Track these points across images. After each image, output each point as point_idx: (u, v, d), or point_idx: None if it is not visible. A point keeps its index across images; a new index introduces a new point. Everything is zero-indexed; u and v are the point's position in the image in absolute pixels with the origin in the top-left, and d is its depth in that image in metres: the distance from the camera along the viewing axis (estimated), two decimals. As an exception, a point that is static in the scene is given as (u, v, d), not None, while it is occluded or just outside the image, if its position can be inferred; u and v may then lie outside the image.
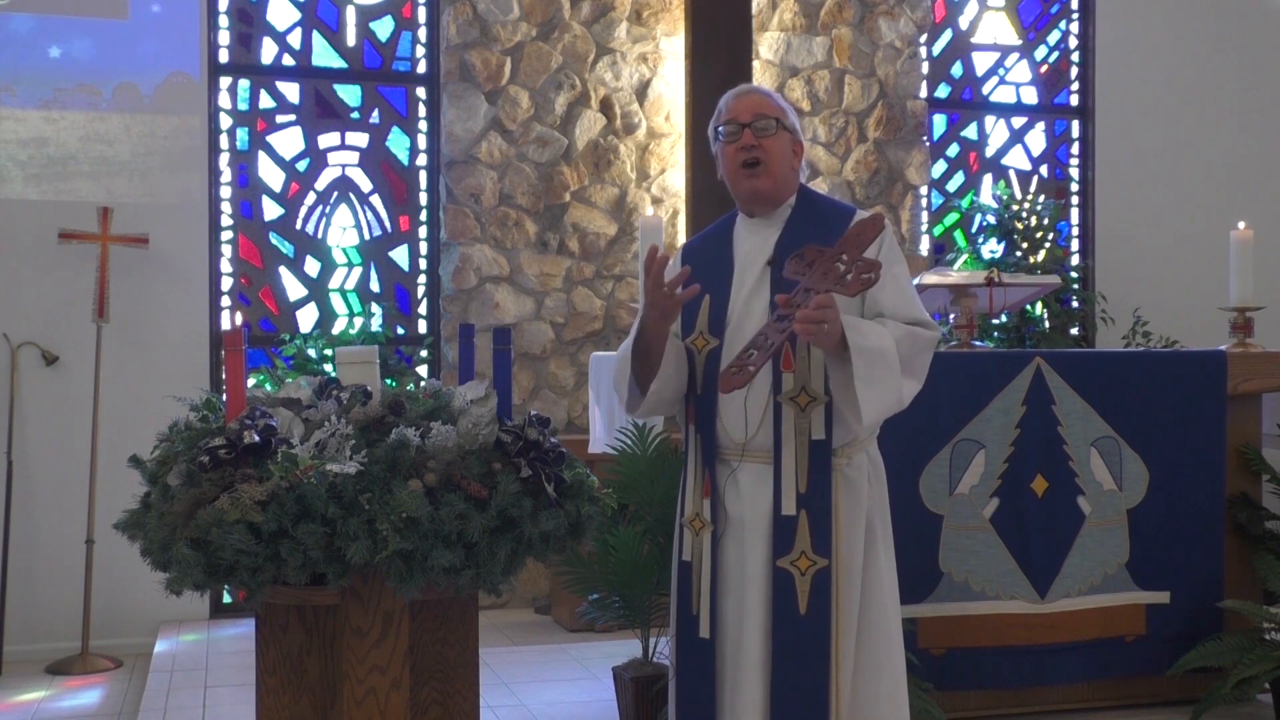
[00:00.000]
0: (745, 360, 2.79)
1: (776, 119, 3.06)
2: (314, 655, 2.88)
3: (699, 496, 3.04)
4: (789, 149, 3.10)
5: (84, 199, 6.19)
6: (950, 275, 5.38)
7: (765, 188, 3.06)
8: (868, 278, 2.77)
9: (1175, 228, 7.83)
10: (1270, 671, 4.35)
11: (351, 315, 6.69)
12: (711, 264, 3.10)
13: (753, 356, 2.79)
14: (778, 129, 3.06)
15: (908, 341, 2.91)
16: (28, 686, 5.58)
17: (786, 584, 2.94)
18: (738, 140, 3.05)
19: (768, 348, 2.78)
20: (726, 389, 2.81)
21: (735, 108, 3.09)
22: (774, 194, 3.08)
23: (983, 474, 4.40)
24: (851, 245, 2.83)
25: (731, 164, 3.08)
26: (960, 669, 4.40)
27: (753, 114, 3.06)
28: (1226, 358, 4.74)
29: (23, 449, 6.10)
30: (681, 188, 6.86)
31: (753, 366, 2.78)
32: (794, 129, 3.11)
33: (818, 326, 2.74)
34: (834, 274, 2.79)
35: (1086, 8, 7.91)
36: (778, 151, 3.06)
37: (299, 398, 2.92)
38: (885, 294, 2.97)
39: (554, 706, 4.76)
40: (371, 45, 6.78)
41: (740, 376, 2.78)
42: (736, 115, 3.07)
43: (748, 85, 3.22)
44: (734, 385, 2.79)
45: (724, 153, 3.10)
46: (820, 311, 2.73)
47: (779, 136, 3.06)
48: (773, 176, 3.05)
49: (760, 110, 3.06)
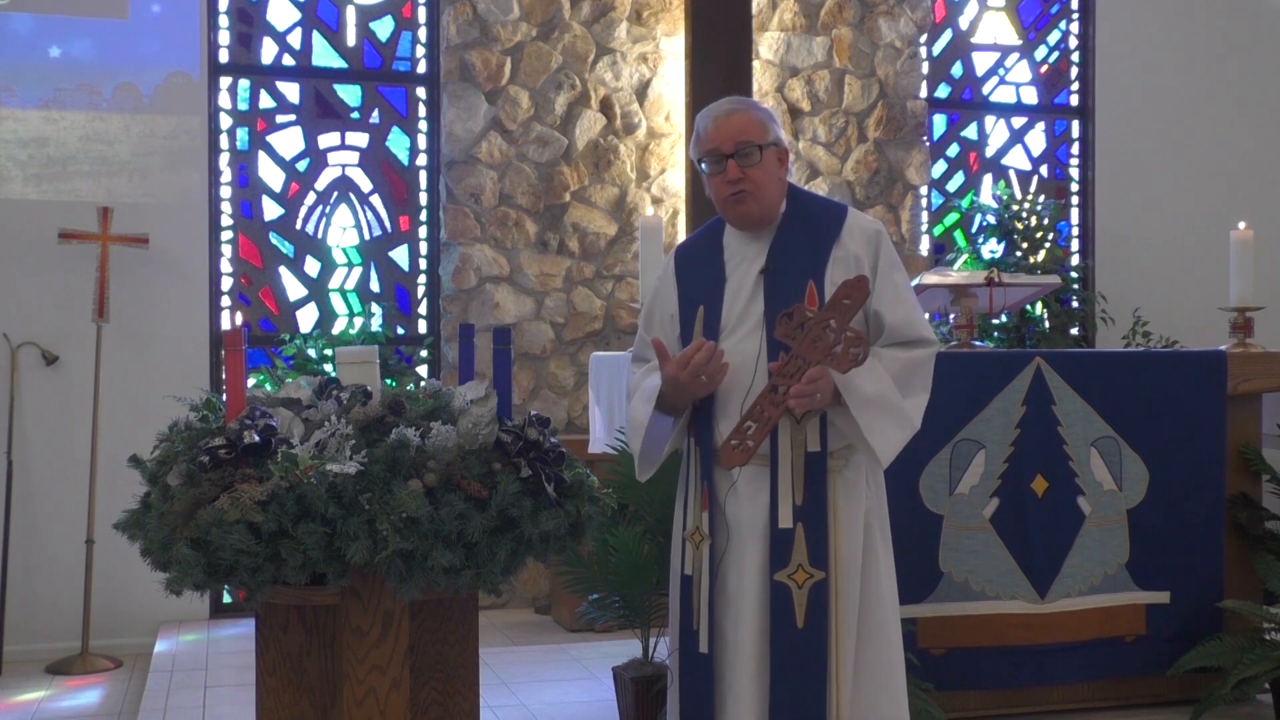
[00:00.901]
0: (745, 433, 2.87)
1: (759, 145, 2.98)
2: (314, 655, 2.88)
3: (698, 509, 3.03)
4: (775, 168, 3.04)
5: (84, 199, 6.19)
6: (950, 275, 5.38)
7: (754, 213, 3.04)
8: (856, 353, 2.85)
9: (1175, 228, 7.83)
10: (1270, 671, 4.35)
11: (351, 315, 6.69)
12: (704, 273, 3.10)
13: (751, 430, 2.87)
14: (761, 155, 2.99)
15: (905, 371, 2.93)
16: (28, 686, 5.58)
17: (783, 597, 2.93)
18: (722, 173, 2.99)
19: (765, 421, 2.87)
20: (729, 464, 2.90)
21: (716, 136, 3.00)
22: (762, 220, 3.06)
23: (983, 474, 4.40)
24: (839, 313, 2.86)
25: (719, 195, 3.04)
26: (960, 669, 4.40)
27: (735, 142, 2.98)
28: (1226, 358, 4.73)
29: (23, 449, 6.10)
30: (681, 188, 6.86)
31: (752, 441, 2.87)
32: (777, 141, 3.04)
33: (811, 399, 2.82)
34: (824, 343, 2.85)
35: (1086, 8, 7.91)
36: (764, 179, 3.00)
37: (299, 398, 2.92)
38: (885, 306, 2.98)
39: (554, 706, 4.76)
40: (371, 45, 6.78)
41: (740, 452, 2.88)
42: (719, 145, 2.99)
43: (725, 105, 3.06)
44: (735, 461, 2.90)
45: (709, 182, 3.06)
46: (812, 385, 2.80)
47: (765, 160, 3.00)
48: (761, 203, 3.03)
49: (741, 136, 2.98)
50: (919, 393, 2.97)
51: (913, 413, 2.94)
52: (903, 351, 2.96)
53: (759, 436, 2.86)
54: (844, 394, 2.84)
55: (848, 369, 2.85)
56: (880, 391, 2.87)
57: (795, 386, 2.80)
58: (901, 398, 2.90)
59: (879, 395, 2.87)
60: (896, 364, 2.93)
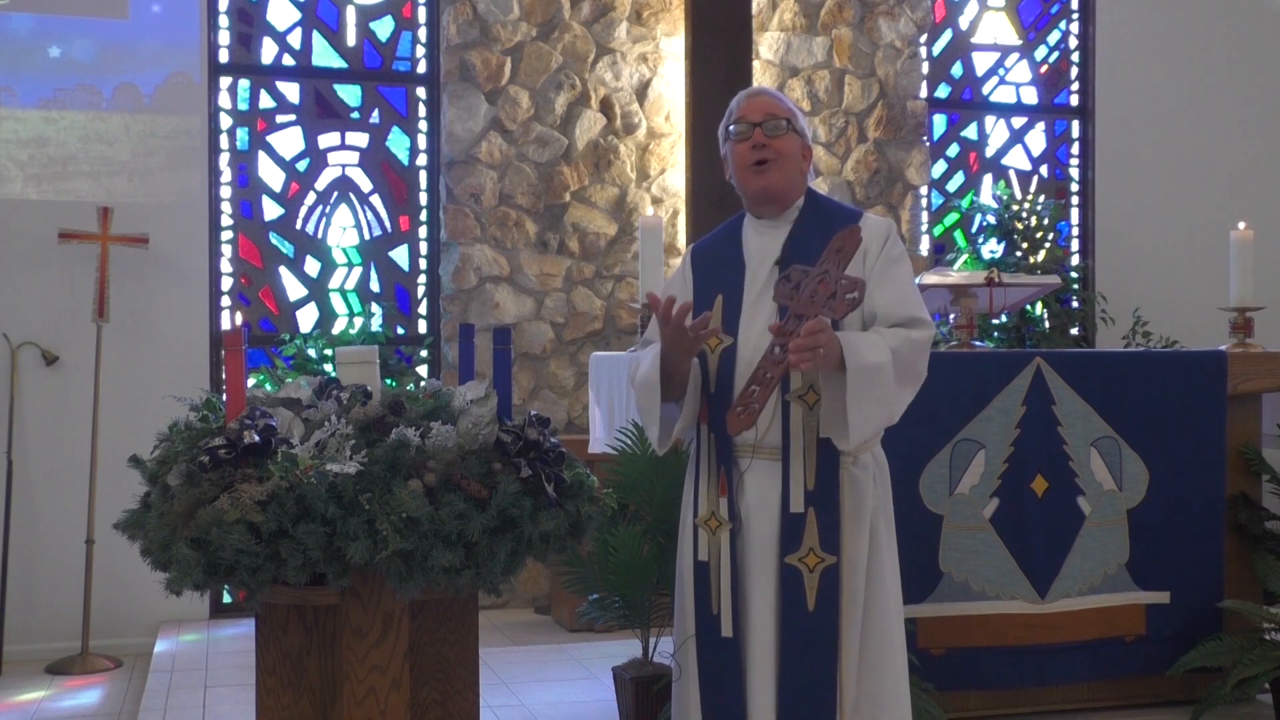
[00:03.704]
0: (749, 398, 2.83)
1: (787, 120, 3.10)
2: (314, 655, 2.89)
3: (714, 495, 3.04)
4: (799, 150, 3.13)
5: (84, 199, 6.19)
6: (950, 275, 5.38)
7: (776, 183, 3.08)
8: (852, 298, 2.79)
9: (1175, 228, 7.83)
10: (1270, 671, 4.35)
11: (351, 315, 6.69)
12: (722, 264, 3.14)
13: (755, 393, 2.83)
14: (788, 130, 3.09)
15: (906, 348, 2.92)
16: (28, 686, 5.58)
17: (795, 581, 2.95)
18: (748, 139, 3.08)
19: (768, 382, 2.82)
20: (735, 430, 2.86)
21: (746, 108, 3.13)
22: (784, 192, 3.10)
23: (983, 474, 4.40)
24: (832, 261, 2.84)
25: (741, 162, 3.10)
26: (960, 669, 4.40)
27: (764, 114, 3.10)
28: (1226, 358, 4.73)
29: (23, 449, 6.10)
30: (681, 188, 6.86)
31: (757, 404, 2.83)
32: (803, 132, 3.15)
33: (813, 354, 2.75)
34: (820, 295, 2.81)
35: (1086, 8, 7.91)
36: (788, 151, 3.09)
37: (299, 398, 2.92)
38: (886, 289, 2.99)
39: (554, 706, 4.76)
40: (371, 45, 6.78)
41: (746, 415, 2.83)
42: (747, 115, 3.11)
43: (759, 87, 3.28)
44: (742, 426, 2.85)
45: (734, 151, 3.12)
46: (812, 338, 2.74)
47: (789, 137, 3.10)
48: (783, 174, 3.08)
49: (771, 111, 3.10)
50: (910, 384, 2.95)
51: (898, 402, 2.92)
52: (901, 330, 2.96)
53: (763, 399, 2.82)
54: (844, 350, 2.80)
55: (844, 314, 2.82)
56: (881, 362, 2.84)
57: (794, 341, 2.74)
58: (895, 380, 2.87)
59: (879, 365, 2.84)
60: (896, 339, 2.92)
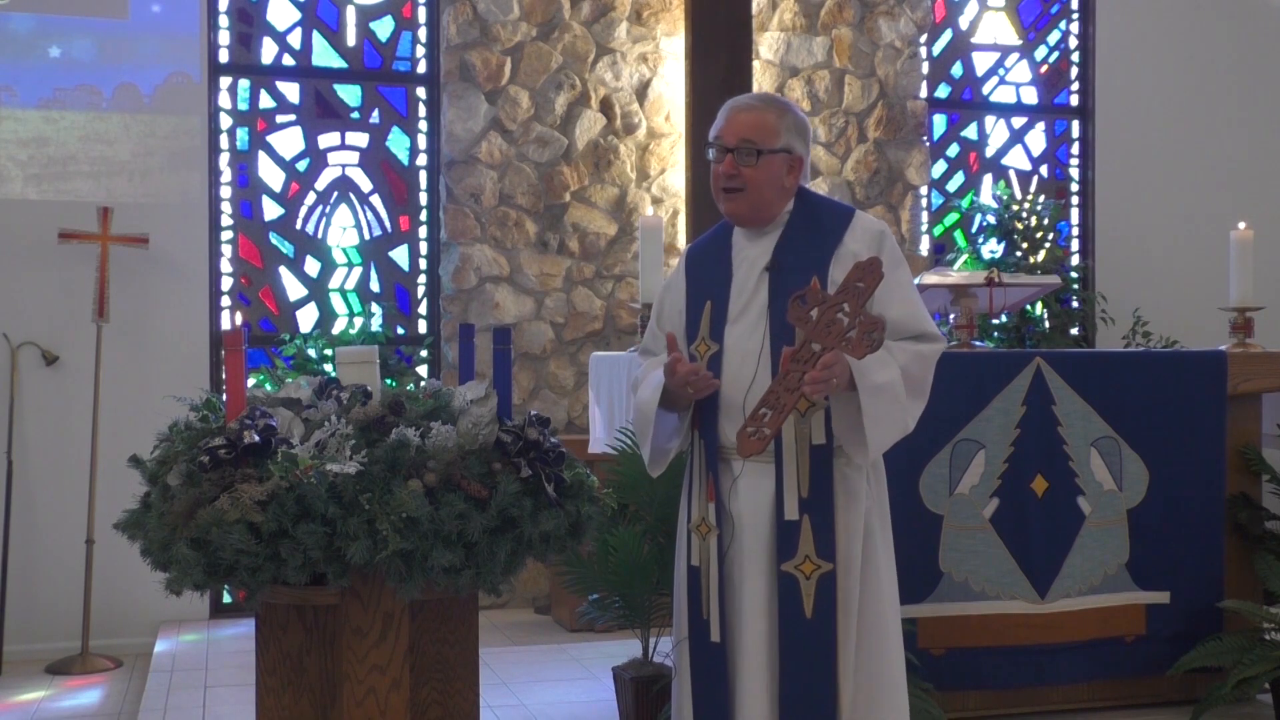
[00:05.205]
0: (760, 420, 2.83)
1: (759, 150, 3.02)
2: (314, 655, 2.89)
3: (703, 501, 3.04)
4: (776, 172, 3.05)
5: (84, 199, 6.19)
6: (950, 275, 5.38)
7: (742, 212, 3.09)
8: (874, 338, 2.78)
9: (1175, 228, 7.83)
10: (1270, 671, 4.35)
11: (351, 315, 6.69)
12: (712, 270, 3.14)
13: (767, 418, 2.83)
14: (759, 159, 3.02)
15: (915, 364, 2.94)
16: (28, 686, 5.58)
17: (791, 588, 2.95)
18: (720, 164, 3.07)
19: (782, 409, 2.82)
20: (746, 453, 2.86)
21: (725, 127, 3.07)
22: (750, 219, 3.10)
23: (983, 474, 4.40)
24: (852, 297, 2.82)
25: (715, 182, 3.11)
26: (960, 669, 4.40)
27: (739, 138, 3.03)
28: (1226, 358, 4.73)
29: (23, 449, 6.10)
30: (681, 188, 6.86)
31: (769, 429, 2.82)
32: (789, 148, 3.06)
33: (826, 385, 2.79)
34: (838, 328, 2.80)
35: (1086, 8, 7.90)
36: (758, 180, 3.04)
37: (299, 398, 2.92)
38: (890, 302, 2.98)
39: (554, 706, 4.76)
40: (371, 45, 6.78)
41: (758, 440, 2.82)
42: (724, 135, 3.06)
43: (749, 100, 3.13)
44: (754, 450, 2.84)
45: (711, 168, 3.13)
46: (828, 371, 2.77)
47: (764, 163, 3.03)
48: (750, 203, 3.06)
49: (747, 135, 3.03)
50: (919, 397, 2.98)
51: (910, 416, 2.96)
52: (910, 344, 2.97)
53: (775, 424, 2.82)
54: (856, 377, 2.83)
55: (864, 355, 2.80)
56: (890, 380, 2.88)
57: (810, 373, 2.77)
58: (906, 395, 2.91)
59: (888, 384, 2.87)
60: (905, 355, 2.93)
